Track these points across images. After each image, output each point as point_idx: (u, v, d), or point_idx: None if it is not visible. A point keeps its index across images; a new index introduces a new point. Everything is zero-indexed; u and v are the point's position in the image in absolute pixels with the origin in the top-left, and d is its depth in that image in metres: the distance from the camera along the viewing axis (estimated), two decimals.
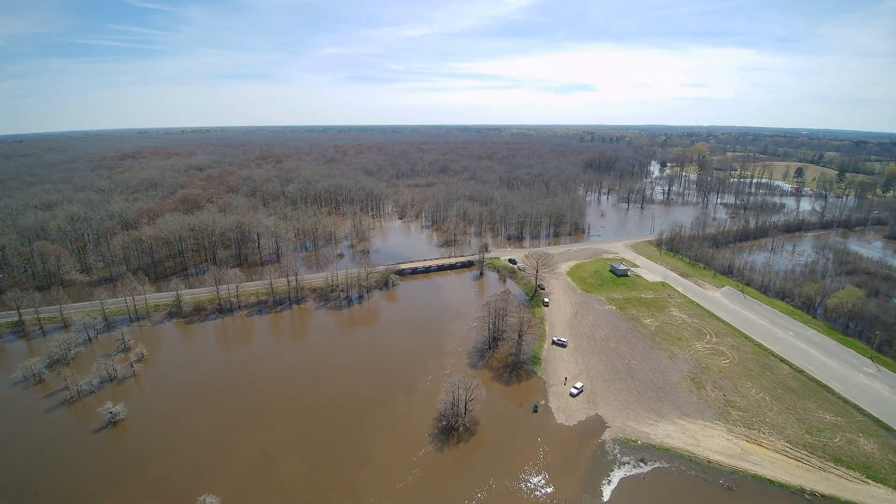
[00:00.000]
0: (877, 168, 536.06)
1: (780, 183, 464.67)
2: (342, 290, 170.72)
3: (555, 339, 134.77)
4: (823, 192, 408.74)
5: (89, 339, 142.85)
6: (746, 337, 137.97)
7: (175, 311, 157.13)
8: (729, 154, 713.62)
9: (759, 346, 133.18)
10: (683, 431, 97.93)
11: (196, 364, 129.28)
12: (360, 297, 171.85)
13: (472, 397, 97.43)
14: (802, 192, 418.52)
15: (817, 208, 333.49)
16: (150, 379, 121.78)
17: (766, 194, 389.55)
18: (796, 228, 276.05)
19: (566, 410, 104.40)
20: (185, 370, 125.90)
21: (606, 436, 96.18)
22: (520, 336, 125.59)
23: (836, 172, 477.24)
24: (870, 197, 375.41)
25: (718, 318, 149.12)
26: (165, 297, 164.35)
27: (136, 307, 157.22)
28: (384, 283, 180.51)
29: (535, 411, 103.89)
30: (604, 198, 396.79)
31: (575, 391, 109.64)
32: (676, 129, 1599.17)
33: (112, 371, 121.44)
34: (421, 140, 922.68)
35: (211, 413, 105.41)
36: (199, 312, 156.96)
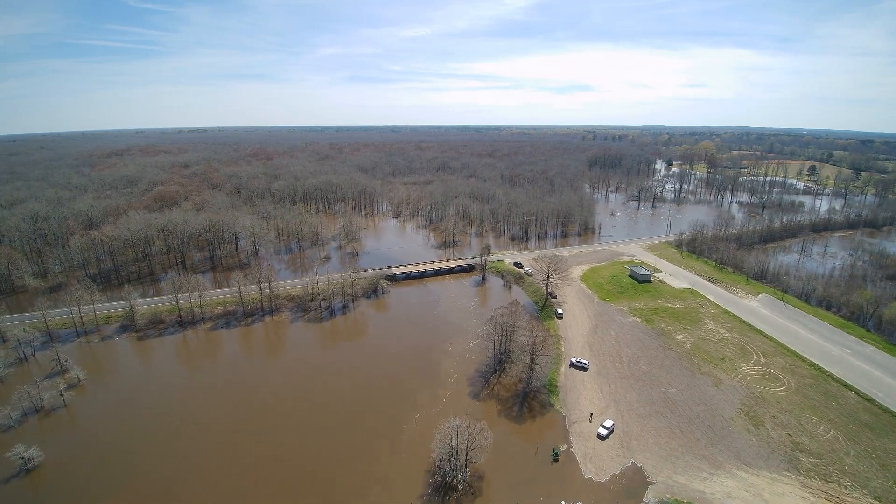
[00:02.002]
0: (889, 167, 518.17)
1: (793, 181, 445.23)
2: (323, 299, 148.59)
3: (573, 360, 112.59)
4: (843, 190, 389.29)
5: (24, 357, 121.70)
6: (798, 356, 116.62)
7: (128, 325, 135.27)
8: (735, 153, 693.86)
9: (816, 367, 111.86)
10: (747, 488, 76.34)
11: (141, 392, 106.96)
12: (345, 306, 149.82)
13: (474, 445, 75.22)
14: (821, 191, 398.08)
15: (837, 207, 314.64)
16: (84, 410, 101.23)
17: (781, 192, 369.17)
18: (822, 228, 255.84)
19: (595, 459, 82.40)
20: (126, 400, 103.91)
21: (650, 496, 74.22)
22: (532, 359, 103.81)
23: (851, 171, 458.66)
24: (891, 196, 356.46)
25: (761, 333, 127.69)
26: (118, 307, 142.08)
27: (84, 319, 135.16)
28: (373, 291, 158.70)
29: (556, 460, 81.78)
30: (611, 196, 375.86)
31: (604, 431, 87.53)
32: (677, 129, 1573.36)
33: (37, 401, 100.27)
34: (420, 139, 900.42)
35: (149, 457, 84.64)
36: (155, 325, 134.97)
